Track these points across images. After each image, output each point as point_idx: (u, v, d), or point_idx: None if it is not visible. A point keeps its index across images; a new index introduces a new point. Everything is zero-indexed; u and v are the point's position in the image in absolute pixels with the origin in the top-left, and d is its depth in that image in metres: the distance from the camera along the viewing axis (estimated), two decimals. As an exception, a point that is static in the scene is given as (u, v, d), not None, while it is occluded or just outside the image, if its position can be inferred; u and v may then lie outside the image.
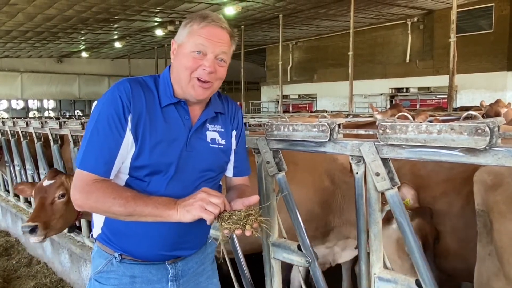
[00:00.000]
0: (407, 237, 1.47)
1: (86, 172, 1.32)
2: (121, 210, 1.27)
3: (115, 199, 1.27)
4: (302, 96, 21.67)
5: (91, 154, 1.33)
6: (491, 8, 15.04)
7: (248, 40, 19.41)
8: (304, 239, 1.84)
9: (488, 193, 1.76)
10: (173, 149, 1.38)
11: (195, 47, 1.37)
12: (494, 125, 1.17)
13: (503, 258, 1.66)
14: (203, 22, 1.38)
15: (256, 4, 13.75)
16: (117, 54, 23.74)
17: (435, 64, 16.35)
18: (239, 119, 1.61)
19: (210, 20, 1.39)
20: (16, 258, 4.80)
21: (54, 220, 2.59)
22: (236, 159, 1.59)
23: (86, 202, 1.32)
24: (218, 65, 1.40)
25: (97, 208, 1.34)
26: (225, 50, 1.41)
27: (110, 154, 1.32)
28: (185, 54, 1.39)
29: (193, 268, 1.58)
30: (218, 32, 1.39)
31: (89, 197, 1.31)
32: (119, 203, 1.26)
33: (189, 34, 1.39)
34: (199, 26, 1.38)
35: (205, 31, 1.38)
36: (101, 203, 1.29)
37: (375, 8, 15.30)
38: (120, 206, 1.26)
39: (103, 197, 1.28)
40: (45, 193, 2.67)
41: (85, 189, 1.31)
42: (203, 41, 1.37)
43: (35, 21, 14.44)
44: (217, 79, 1.42)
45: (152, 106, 1.39)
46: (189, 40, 1.39)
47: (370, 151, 1.48)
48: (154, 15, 14.77)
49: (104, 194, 1.29)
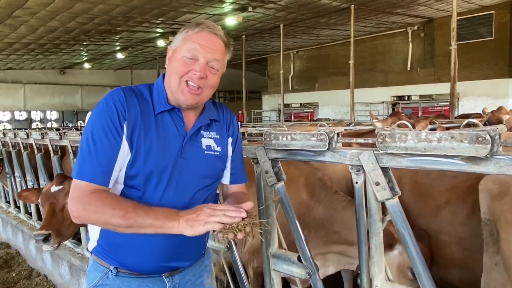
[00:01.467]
0: (409, 248, 1.43)
1: (83, 182, 1.29)
2: (120, 222, 1.22)
3: (115, 210, 1.22)
4: (303, 104, 21.69)
5: (88, 163, 1.30)
6: (491, 16, 15.09)
7: (249, 50, 19.52)
8: (305, 250, 1.80)
9: (495, 202, 1.73)
10: (167, 156, 1.36)
11: (188, 52, 1.36)
12: (495, 133, 1.15)
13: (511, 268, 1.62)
14: (197, 28, 1.38)
15: (257, 15, 13.84)
16: (119, 65, 23.90)
17: (436, 72, 16.37)
18: (234, 126, 1.59)
19: (204, 27, 1.38)
20: (16, 270, 4.77)
21: (65, 226, 2.53)
22: (233, 166, 1.56)
23: (84, 213, 1.28)
24: (209, 72, 1.39)
25: (95, 219, 1.29)
26: (217, 58, 1.39)
27: (107, 162, 1.30)
28: (177, 59, 1.39)
29: (191, 281, 1.54)
30: (212, 38, 1.38)
31: (87, 208, 1.26)
32: (119, 214, 1.22)
33: (183, 40, 1.39)
34: (194, 31, 1.38)
35: (199, 36, 1.37)
36: (100, 214, 1.25)
37: (375, 17, 15.37)
38: (120, 218, 1.22)
39: (102, 208, 1.24)
40: (54, 199, 2.60)
41: (83, 200, 1.27)
42: (196, 46, 1.36)
43: (38, 33, 14.57)
44: (208, 86, 1.40)
45: (146, 114, 1.37)
46: (183, 45, 1.38)
47: (370, 160, 1.45)
48: (156, 26, 14.89)
49: (103, 204, 1.24)
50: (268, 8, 13.23)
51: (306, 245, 1.81)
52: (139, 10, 12.52)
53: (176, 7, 12.41)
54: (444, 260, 2.24)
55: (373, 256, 1.55)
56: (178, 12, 12.90)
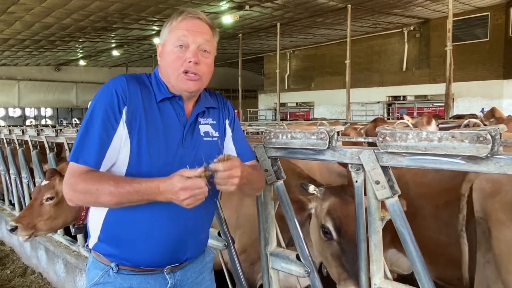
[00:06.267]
0: (408, 247, 1.44)
1: (76, 164, 1.31)
2: (109, 200, 1.26)
3: (98, 189, 1.25)
4: (299, 104, 21.72)
5: (82, 146, 1.32)
6: (486, 17, 15.21)
7: (246, 49, 19.50)
8: (303, 248, 1.80)
9: (487, 200, 1.76)
10: (170, 145, 1.38)
11: (177, 41, 1.38)
12: (496, 133, 1.16)
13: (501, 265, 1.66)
14: (180, 17, 1.41)
15: (254, 13, 13.84)
16: (115, 62, 23.79)
17: (432, 72, 16.46)
18: (229, 108, 1.62)
19: (187, 14, 1.41)
20: (10, 267, 4.73)
21: (40, 221, 2.60)
22: (237, 145, 1.57)
23: (74, 194, 1.31)
24: (202, 56, 1.40)
25: (86, 200, 1.32)
26: (207, 39, 1.41)
27: (101, 145, 1.31)
28: (168, 52, 1.40)
29: (192, 278, 1.54)
30: (197, 23, 1.41)
31: (75, 189, 1.29)
32: (106, 191, 1.25)
33: (170, 32, 1.41)
34: (177, 21, 1.41)
35: (184, 23, 1.39)
36: (88, 194, 1.28)
37: (372, 17, 15.43)
38: (108, 195, 1.25)
39: (88, 188, 1.27)
40: (37, 194, 2.67)
41: (71, 181, 1.30)
42: (184, 32, 1.38)
43: (33, 29, 14.47)
44: (204, 72, 1.42)
45: (148, 102, 1.39)
46: (171, 37, 1.40)
47: (370, 159, 1.46)
48: (152, 24, 14.84)
49: (87, 185, 1.27)
50: (265, 7, 13.24)
51: (305, 243, 1.81)
52: (135, 7, 12.47)
53: (172, 5, 12.39)
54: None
55: (372, 254, 1.55)
56: (174, 9, 12.84)
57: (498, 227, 1.69)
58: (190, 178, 1.19)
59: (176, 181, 1.20)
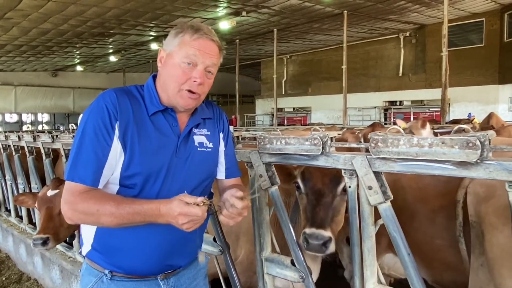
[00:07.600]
0: (400, 252, 1.45)
1: (73, 183, 1.30)
2: (109, 221, 1.25)
3: (99, 210, 1.25)
4: (296, 109, 21.77)
5: (78, 164, 1.31)
6: (481, 23, 15.34)
7: (243, 54, 19.58)
8: (298, 254, 1.81)
9: (480, 204, 1.77)
10: (163, 156, 1.38)
11: (187, 58, 1.38)
12: (485, 139, 1.17)
13: (494, 269, 1.67)
14: (196, 34, 1.39)
15: (251, 19, 13.90)
16: (112, 67, 23.80)
17: (428, 78, 16.56)
18: (224, 121, 1.63)
19: (202, 33, 1.40)
20: (6, 274, 4.70)
21: (62, 230, 2.62)
22: (227, 160, 1.59)
23: (75, 214, 1.30)
24: (206, 77, 1.42)
25: (86, 220, 1.32)
26: (215, 62, 1.44)
27: (97, 163, 1.31)
28: (174, 65, 1.40)
29: (186, 284, 1.54)
30: (210, 44, 1.41)
31: (76, 208, 1.29)
32: (107, 212, 1.25)
33: (180, 44, 1.40)
34: (192, 38, 1.39)
35: (197, 43, 1.39)
36: (88, 215, 1.27)
37: (368, 22, 15.53)
38: (109, 216, 1.25)
39: (89, 209, 1.26)
40: (50, 204, 2.67)
41: (72, 201, 1.29)
42: (195, 52, 1.38)
43: (30, 35, 14.48)
44: (204, 91, 1.44)
45: (139, 115, 1.39)
46: (180, 50, 1.39)
47: (363, 164, 1.47)
48: (149, 29, 14.88)
49: (89, 205, 1.27)
50: (262, 13, 13.31)
51: (300, 249, 1.82)
52: (133, 13, 12.51)
53: (169, 11, 12.43)
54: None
55: (366, 259, 1.56)
56: (171, 15, 12.91)
57: (491, 231, 1.70)
58: (190, 204, 1.20)
59: (175, 205, 1.20)
